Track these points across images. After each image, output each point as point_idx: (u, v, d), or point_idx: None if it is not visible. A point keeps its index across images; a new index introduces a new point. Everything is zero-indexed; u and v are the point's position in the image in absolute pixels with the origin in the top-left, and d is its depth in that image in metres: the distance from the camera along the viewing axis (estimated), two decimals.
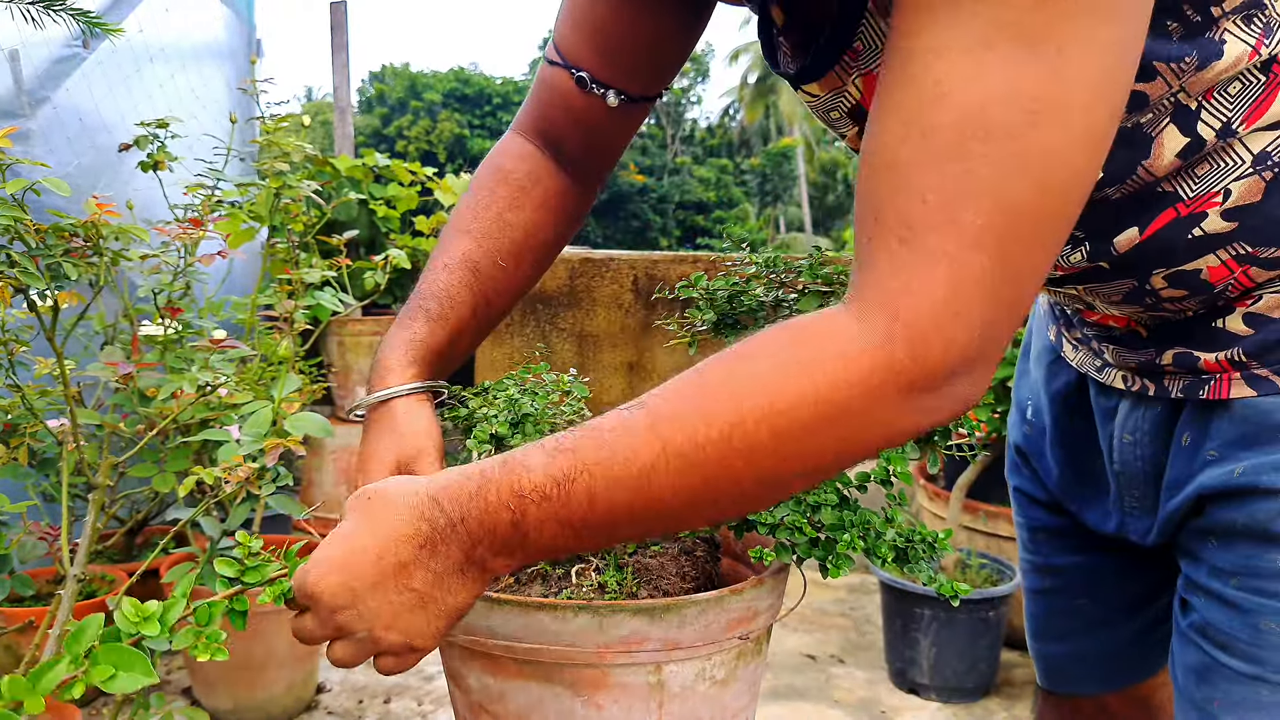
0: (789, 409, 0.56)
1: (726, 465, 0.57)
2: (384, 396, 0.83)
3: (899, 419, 0.56)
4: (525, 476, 0.60)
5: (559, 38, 0.89)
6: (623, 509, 0.59)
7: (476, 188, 0.93)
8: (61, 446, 1.46)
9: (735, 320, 0.91)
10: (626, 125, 0.93)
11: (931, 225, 0.52)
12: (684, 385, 0.60)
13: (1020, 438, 1.05)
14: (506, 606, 0.78)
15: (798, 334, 0.58)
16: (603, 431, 0.60)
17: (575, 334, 3.29)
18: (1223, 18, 0.62)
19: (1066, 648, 1.05)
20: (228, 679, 2.03)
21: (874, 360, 0.54)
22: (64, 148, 2.31)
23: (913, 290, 0.53)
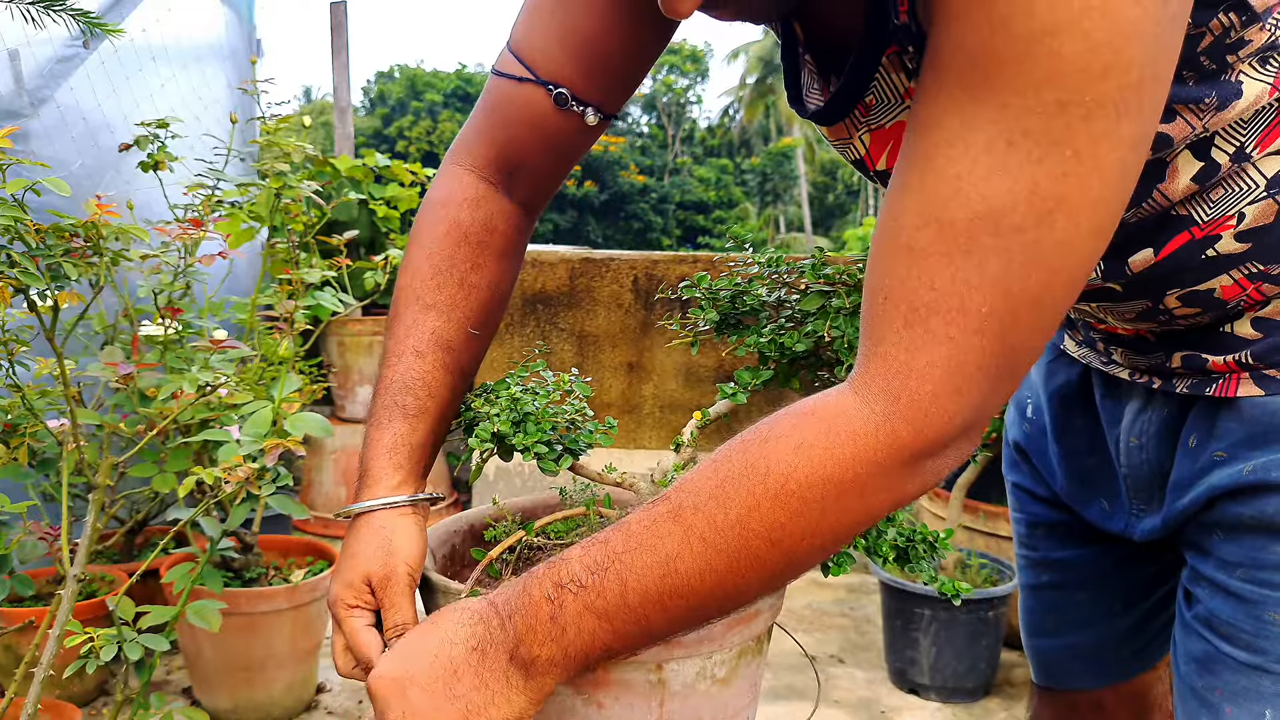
0: (801, 489, 0.59)
1: (747, 546, 0.60)
2: (368, 508, 0.81)
3: (905, 486, 0.60)
4: (563, 568, 0.64)
5: (530, 55, 0.84)
6: (653, 596, 0.62)
7: (431, 251, 0.87)
8: (61, 446, 1.46)
9: (738, 320, 0.91)
10: (588, 142, 0.89)
11: (937, 310, 0.55)
12: (702, 473, 0.63)
13: (1020, 436, 1.05)
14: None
15: (806, 416, 0.61)
16: (631, 524, 0.64)
17: (575, 334, 3.29)
18: (1238, 62, 0.63)
19: (1063, 642, 1.06)
20: (227, 679, 2.03)
21: (879, 439, 0.58)
22: (65, 147, 2.31)
23: (915, 371, 0.56)
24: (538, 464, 0.82)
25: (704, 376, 3.27)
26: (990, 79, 0.52)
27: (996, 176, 0.53)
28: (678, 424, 3.27)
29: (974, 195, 0.53)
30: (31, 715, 1.26)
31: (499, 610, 0.66)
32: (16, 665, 1.54)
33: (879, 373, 0.58)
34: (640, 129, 37.81)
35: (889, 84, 0.70)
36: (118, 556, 2.25)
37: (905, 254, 0.56)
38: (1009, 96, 0.52)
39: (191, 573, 1.43)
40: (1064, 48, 0.50)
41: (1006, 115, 0.52)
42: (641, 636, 0.64)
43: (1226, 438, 0.77)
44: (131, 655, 1.25)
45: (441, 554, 0.96)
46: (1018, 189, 0.52)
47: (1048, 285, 0.55)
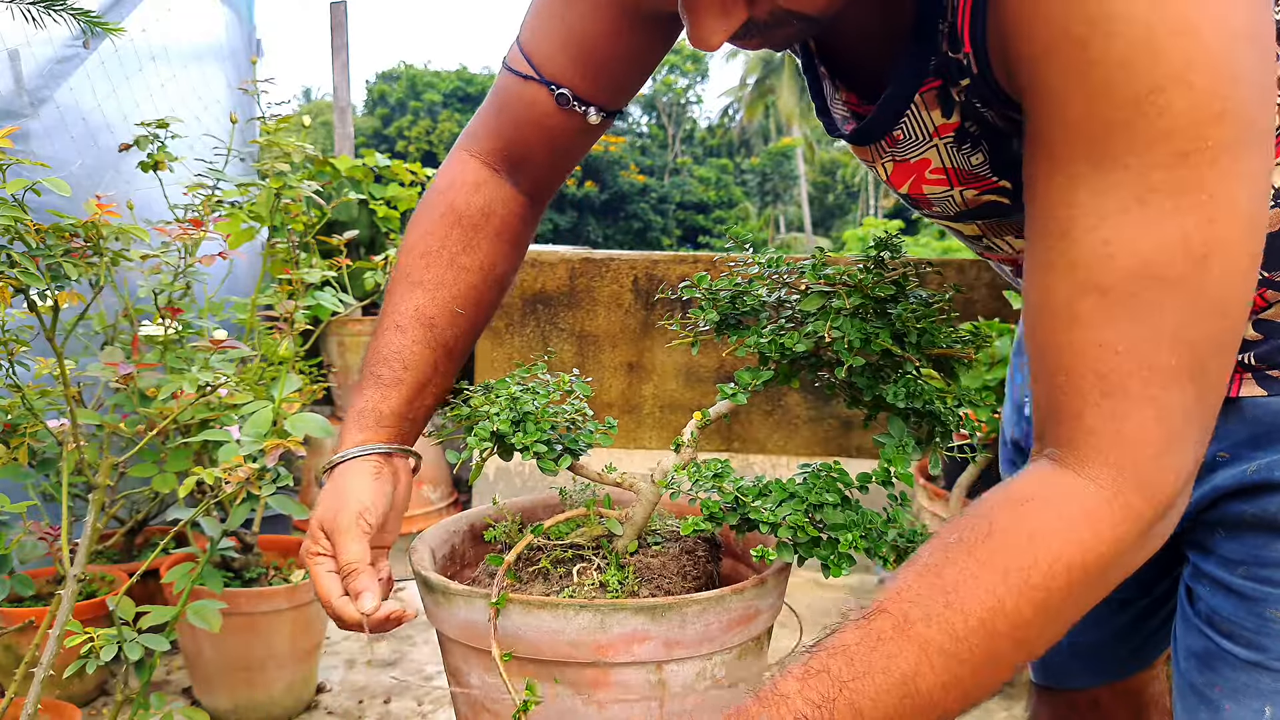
0: (1046, 580, 0.56)
1: (992, 650, 0.57)
2: (329, 464, 0.84)
3: (1142, 553, 0.59)
4: (785, 705, 0.57)
5: (535, 54, 0.86)
6: (894, 718, 0.57)
7: (427, 229, 0.90)
8: (61, 446, 1.46)
9: (738, 320, 0.90)
10: (592, 139, 0.91)
11: (1129, 373, 0.55)
12: (922, 580, 0.59)
13: (1020, 434, 1.05)
14: (507, 604, 0.78)
15: (1028, 504, 0.58)
16: (850, 646, 0.58)
17: (575, 334, 3.29)
18: None
19: (1062, 641, 1.06)
20: (227, 679, 2.03)
21: (1116, 515, 0.56)
22: (65, 147, 2.31)
23: (1130, 438, 0.56)
24: (537, 464, 0.82)
25: (704, 377, 3.27)
26: (1107, 145, 0.53)
27: (1141, 234, 0.54)
28: (678, 424, 3.27)
29: (1124, 255, 0.54)
30: (31, 715, 1.26)
31: None
32: (16, 665, 1.54)
33: (1095, 447, 0.56)
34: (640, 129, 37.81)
35: (919, 121, 0.70)
36: (118, 556, 2.25)
37: (1072, 327, 0.56)
38: (1129, 158, 0.53)
39: (191, 573, 1.43)
40: (1173, 103, 0.51)
41: (1132, 175, 0.53)
42: None
43: (1229, 438, 0.77)
44: (131, 655, 1.25)
45: (441, 554, 0.96)
46: (1167, 240, 0.53)
47: (1222, 323, 0.55)
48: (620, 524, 0.89)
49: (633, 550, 0.89)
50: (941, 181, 0.75)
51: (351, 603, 0.79)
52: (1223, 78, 0.51)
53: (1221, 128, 0.51)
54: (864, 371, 0.82)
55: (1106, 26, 0.51)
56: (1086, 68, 0.52)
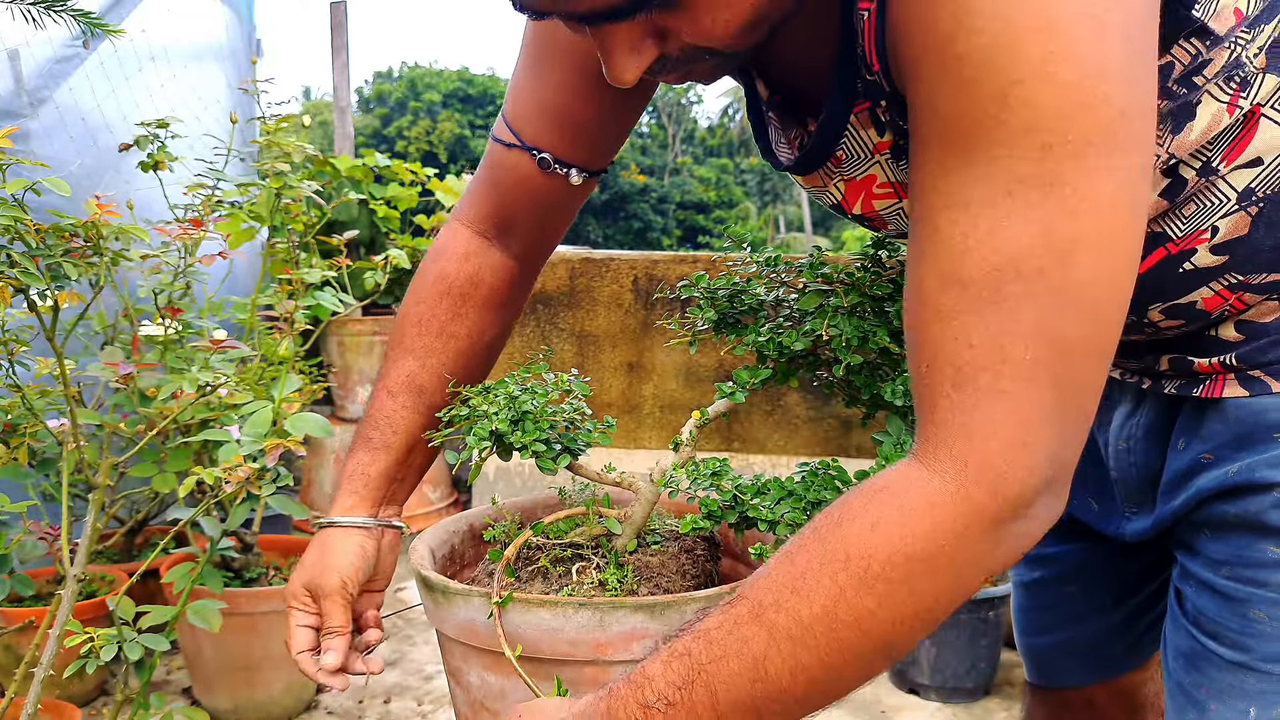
0: (885, 570, 0.56)
1: (836, 638, 0.57)
2: (324, 523, 0.92)
3: (995, 554, 0.57)
4: (648, 686, 0.61)
5: (516, 121, 0.90)
6: (745, 703, 0.59)
7: (419, 299, 0.95)
8: (61, 446, 1.46)
9: (736, 319, 0.91)
10: (578, 201, 0.96)
11: (981, 366, 0.54)
12: (777, 568, 0.60)
13: None
14: (508, 603, 0.78)
15: (877, 493, 0.59)
16: (710, 631, 0.60)
17: (575, 334, 3.29)
18: (1207, 83, 0.64)
19: (1055, 638, 1.07)
20: (227, 679, 2.03)
21: (956, 507, 0.55)
22: (65, 147, 2.31)
23: (976, 431, 0.55)
24: (536, 463, 0.82)
25: (704, 376, 3.27)
26: (973, 137, 0.53)
27: (1004, 227, 0.53)
28: (678, 424, 3.27)
29: (986, 249, 0.53)
30: (31, 715, 1.26)
31: None
32: (16, 665, 1.54)
33: (941, 440, 0.56)
34: (640, 129, 37.80)
35: (858, 140, 0.71)
36: (118, 556, 2.25)
37: (935, 319, 0.56)
38: (995, 150, 0.53)
39: (191, 573, 1.43)
40: (1035, 95, 0.51)
41: (997, 168, 0.53)
42: None
43: (1213, 439, 0.78)
44: (131, 655, 1.25)
45: (441, 554, 0.96)
46: (1029, 234, 0.53)
47: (1087, 321, 0.54)
48: (619, 523, 0.89)
49: (632, 549, 0.89)
50: (889, 195, 0.75)
51: (310, 659, 0.90)
52: (1085, 72, 0.51)
53: (1085, 121, 0.51)
54: (862, 370, 0.82)
55: (970, 23, 0.51)
56: (954, 64, 0.52)
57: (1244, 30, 0.63)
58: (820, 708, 0.62)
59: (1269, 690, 0.74)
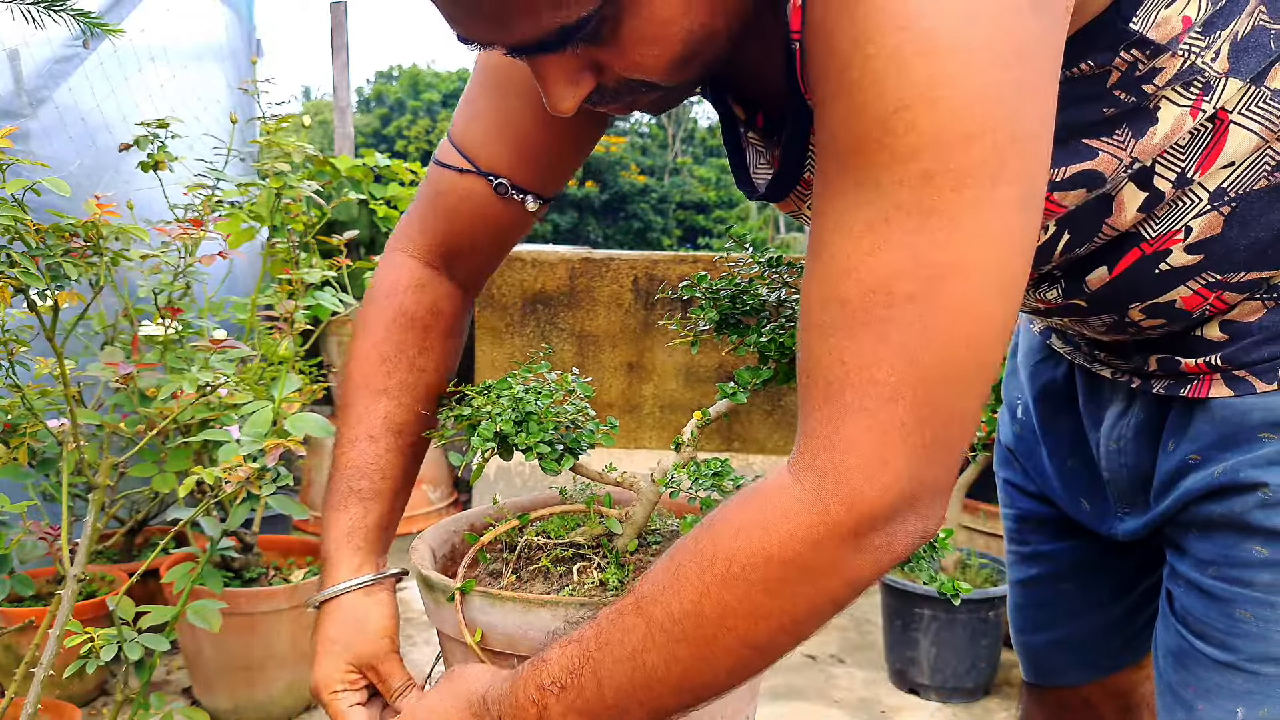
0: (745, 571, 0.59)
1: (703, 633, 0.60)
2: (334, 594, 0.85)
3: (854, 564, 0.58)
4: (545, 670, 0.65)
5: (471, 145, 0.88)
6: (627, 690, 0.62)
7: (379, 338, 0.91)
8: (61, 446, 1.46)
9: (737, 320, 0.91)
10: (528, 226, 0.93)
11: (849, 384, 0.55)
12: (661, 565, 0.63)
13: (1010, 437, 1.07)
14: (508, 603, 0.78)
15: (748, 498, 0.61)
16: (602, 620, 0.65)
17: (575, 334, 3.29)
18: (1159, 91, 0.65)
19: (1051, 636, 1.07)
20: (227, 679, 2.03)
21: (812, 516, 0.57)
22: (64, 147, 2.31)
23: (837, 445, 0.56)
24: (539, 464, 0.82)
25: (704, 376, 3.27)
26: (860, 161, 0.54)
27: (880, 251, 0.54)
28: (678, 424, 3.27)
29: (863, 271, 0.54)
30: (31, 715, 1.26)
31: (490, 709, 0.68)
32: (16, 665, 1.54)
33: (808, 450, 0.58)
34: (640, 129, 37.82)
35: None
36: (118, 556, 2.25)
37: (816, 334, 0.57)
38: (879, 174, 0.53)
39: (191, 573, 1.43)
40: (919, 121, 0.51)
41: (880, 193, 0.53)
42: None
43: (1199, 440, 0.78)
44: (131, 655, 1.25)
45: (441, 554, 0.96)
46: (901, 260, 0.53)
47: (954, 348, 0.54)
48: (620, 523, 0.89)
49: (633, 549, 0.89)
50: None
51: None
52: (972, 99, 0.51)
53: (969, 152, 0.51)
54: None
55: (864, 49, 0.52)
56: (848, 88, 0.53)
57: (1196, 36, 0.63)
58: (703, 699, 0.65)
59: (1256, 690, 0.75)
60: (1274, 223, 0.70)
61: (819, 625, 0.62)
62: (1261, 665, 0.75)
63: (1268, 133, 0.67)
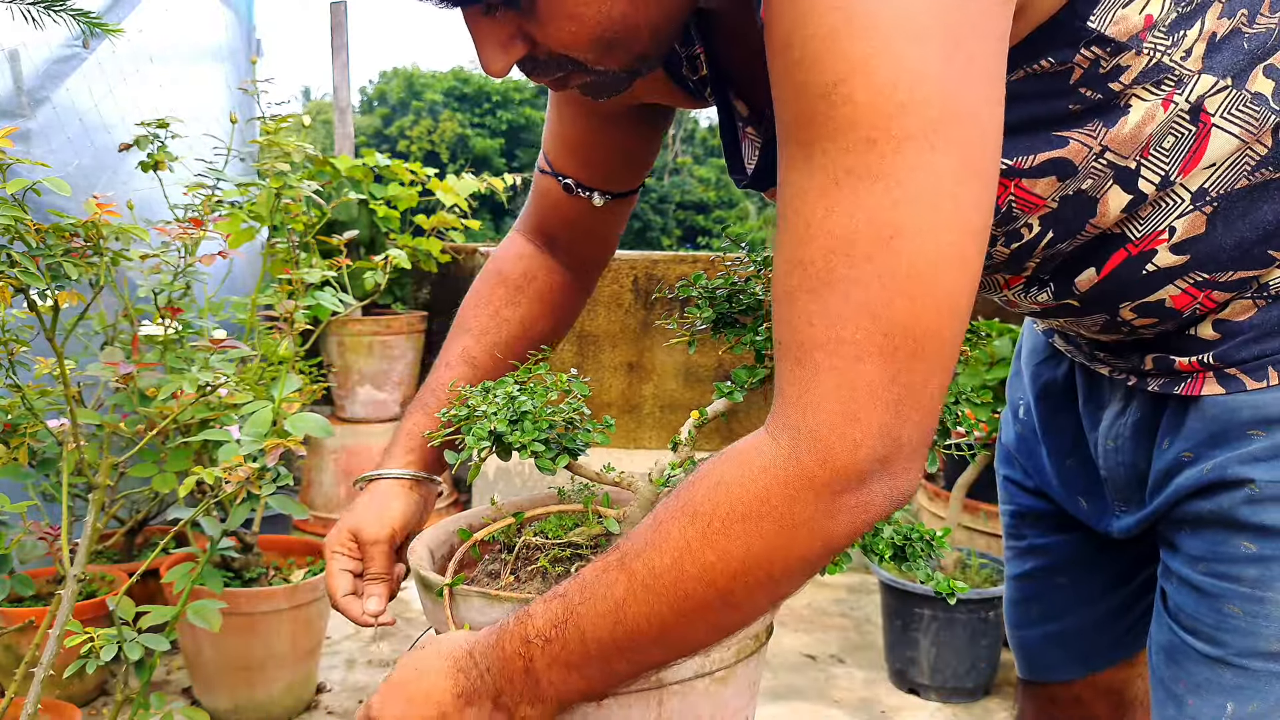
0: (724, 525, 0.61)
1: (683, 589, 0.62)
2: (371, 476, 0.98)
3: (829, 521, 0.60)
4: (530, 623, 0.68)
5: (547, 150, 1.01)
6: (609, 643, 0.65)
7: (477, 288, 1.06)
8: (61, 446, 1.46)
9: (734, 319, 0.91)
10: (614, 218, 1.05)
11: (817, 344, 0.58)
12: (646, 521, 0.66)
13: (1012, 438, 1.08)
14: (506, 603, 0.79)
15: (728, 457, 0.63)
16: (586, 575, 0.67)
17: (575, 334, 3.29)
18: (1126, 89, 0.66)
19: (1044, 630, 1.08)
20: (227, 679, 2.03)
21: (788, 471, 0.59)
22: (64, 148, 2.31)
23: (808, 404, 0.58)
24: (535, 463, 0.82)
25: (704, 376, 3.27)
26: (809, 132, 0.57)
27: (835, 214, 0.57)
28: (678, 423, 3.27)
29: (821, 234, 0.57)
30: (31, 715, 1.26)
31: (477, 662, 0.70)
32: (16, 665, 1.54)
33: (780, 410, 0.60)
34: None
35: None
36: (118, 556, 2.25)
37: (784, 300, 0.60)
38: (825, 143, 0.56)
39: (191, 573, 1.43)
40: (855, 93, 0.55)
41: (828, 160, 0.56)
42: (612, 679, 0.68)
43: (1192, 438, 0.79)
44: (131, 655, 1.25)
45: (440, 554, 0.96)
46: (857, 221, 0.56)
47: (913, 306, 0.56)
48: (618, 523, 0.90)
49: None
50: None
51: (354, 602, 0.93)
52: (904, 72, 0.54)
53: (906, 119, 0.54)
54: None
55: (803, 30, 0.56)
56: (792, 68, 0.57)
57: (1160, 35, 0.64)
58: (678, 656, 0.67)
59: (1245, 685, 0.76)
60: (1258, 221, 0.71)
61: (795, 586, 0.64)
62: (1250, 660, 0.75)
63: (1248, 135, 0.68)
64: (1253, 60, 0.66)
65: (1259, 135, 0.68)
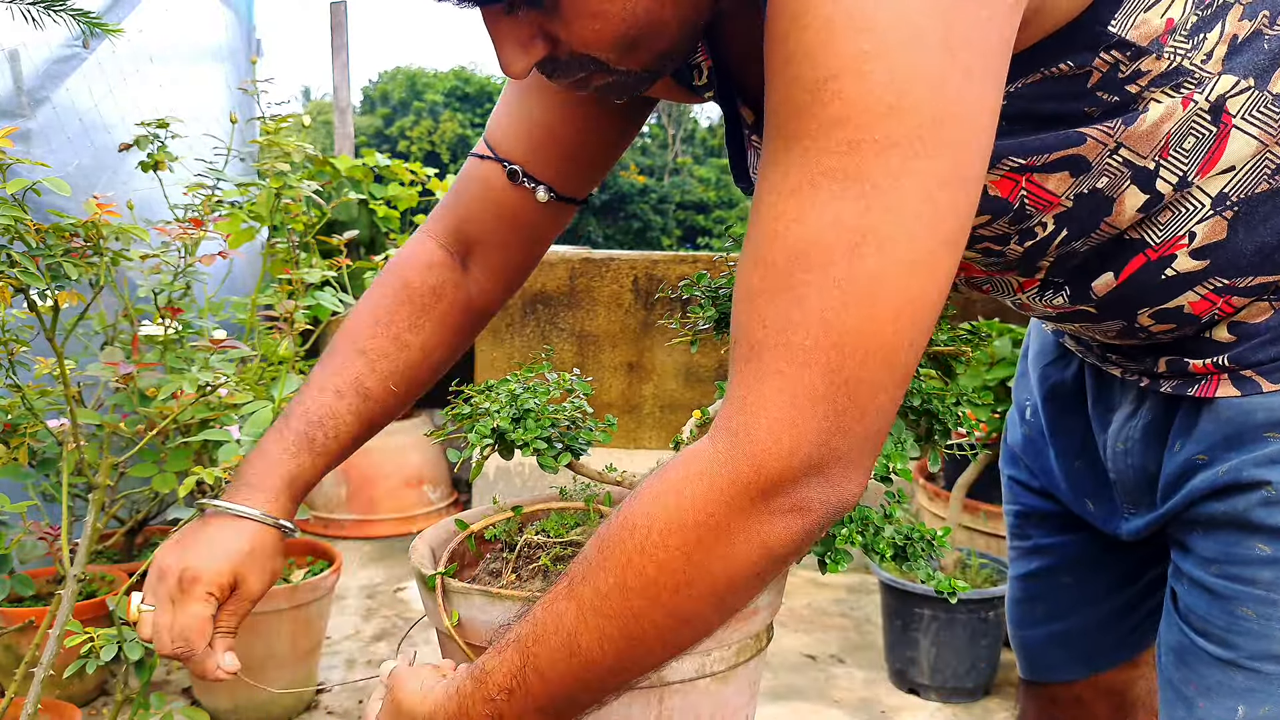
0: (663, 537, 0.58)
1: (629, 607, 0.60)
2: (253, 516, 0.85)
3: (766, 529, 0.57)
4: (489, 681, 0.64)
5: (493, 136, 0.92)
6: (570, 678, 0.62)
7: (377, 300, 0.93)
8: (61, 446, 1.46)
9: None
10: (550, 224, 0.95)
11: (767, 346, 0.56)
12: (592, 540, 0.63)
13: (1019, 439, 1.07)
14: (508, 601, 0.79)
15: (669, 465, 0.61)
16: (536, 611, 0.64)
17: (575, 334, 3.29)
18: (1144, 91, 0.65)
19: (1046, 630, 1.08)
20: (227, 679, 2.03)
21: (722, 476, 0.57)
22: (64, 148, 2.31)
23: (749, 406, 0.56)
24: (537, 461, 0.82)
25: (704, 376, 3.27)
26: (792, 127, 0.55)
27: (805, 215, 0.55)
28: (678, 423, 3.27)
29: (788, 235, 0.55)
30: (31, 715, 1.26)
31: None
32: (16, 665, 1.54)
33: (725, 412, 0.58)
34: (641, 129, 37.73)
35: None
36: (118, 556, 2.25)
37: (745, 297, 0.58)
38: (807, 141, 0.54)
39: None
40: (845, 90, 0.53)
41: (808, 158, 0.54)
42: (584, 705, 0.65)
43: (1205, 440, 0.78)
44: (131, 655, 1.25)
45: (441, 553, 0.96)
46: (823, 224, 0.54)
47: (871, 318, 0.54)
48: None
49: None
50: None
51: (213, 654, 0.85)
52: (896, 74, 0.52)
53: (893, 123, 0.53)
54: None
55: (800, 21, 0.54)
56: (785, 61, 0.55)
57: (1180, 39, 0.63)
58: (642, 674, 0.64)
59: (1257, 688, 0.75)
60: (1279, 226, 0.70)
61: (744, 598, 0.61)
62: (1263, 663, 0.75)
63: (1268, 137, 0.67)
64: (1274, 62, 0.66)
65: (1279, 138, 0.67)
